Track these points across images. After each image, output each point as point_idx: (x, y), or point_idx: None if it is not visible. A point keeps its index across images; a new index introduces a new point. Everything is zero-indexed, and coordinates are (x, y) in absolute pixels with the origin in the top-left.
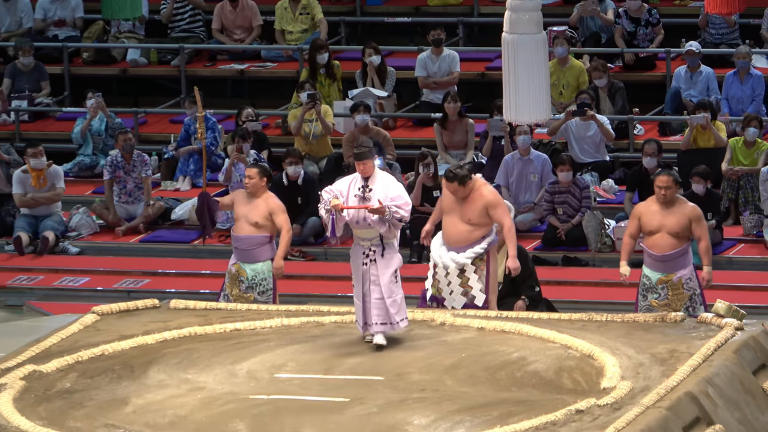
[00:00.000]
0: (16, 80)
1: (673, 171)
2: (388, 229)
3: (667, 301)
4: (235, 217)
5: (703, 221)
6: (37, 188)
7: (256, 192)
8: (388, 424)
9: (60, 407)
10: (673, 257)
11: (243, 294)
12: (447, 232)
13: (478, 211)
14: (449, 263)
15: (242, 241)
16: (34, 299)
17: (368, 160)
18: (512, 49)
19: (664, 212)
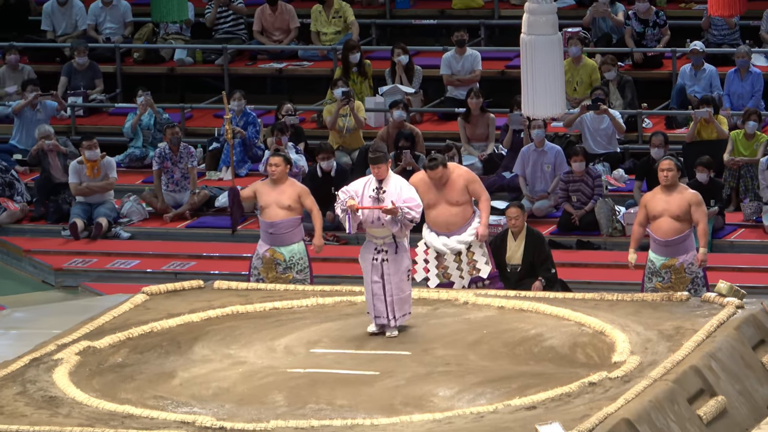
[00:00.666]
0: (72, 78)
1: (676, 158)
2: (400, 229)
3: (670, 284)
4: (264, 204)
5: (702, 206)
6: (91, 178)
7: (281, 178)
8: (415, 396)
9: (112, 380)
10: (676, 242)
11: (281, 275)
12: (440, 222)
13: (461, 189)
14: (457, 246)
15: (277, 225)
16: (88, 280)
17: (382, 164)
18: (530, 49)
19: (667, 198)
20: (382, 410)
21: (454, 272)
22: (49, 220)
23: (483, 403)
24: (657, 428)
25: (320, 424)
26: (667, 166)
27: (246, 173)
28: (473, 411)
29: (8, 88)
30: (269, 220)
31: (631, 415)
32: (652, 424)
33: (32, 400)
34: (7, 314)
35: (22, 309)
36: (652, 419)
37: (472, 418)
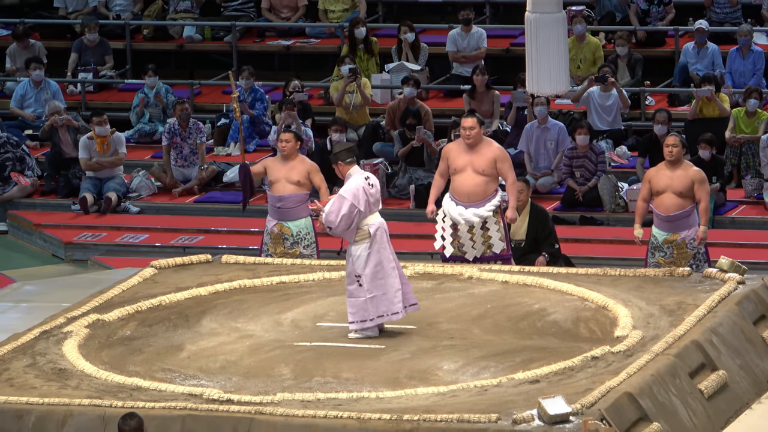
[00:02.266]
0: (82, 54)
1: (680, 135)
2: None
3: (672, 259)
4: (273, 179)
5: (706, 184)
6: (101, 153)
7: (292, 154)
8: (420, 369)
9: (121, 353)
10: (679, 218)
11: (288, 250)
12: (462, 190)
13: (489, 161)
14: (473, 218)
15: (286, 200)
16: (97, 254)
17: (334, 165)
18: (534, 27)
19: (671, 174)
20: (387, 383)
21: (467, 243)
22: (60, 195)
23: (487, 377)
24: (659, 402)
25: (326, 397)
26: (672, 141)
27: (254, 149)
28: (477, 384)
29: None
30: (277, 194)
31: (633, 388)
32: (654, 398)
33: (42, 372)
34: (18, 287)
35: (33, 282)
36: (653, 393)
37: (476, 392)
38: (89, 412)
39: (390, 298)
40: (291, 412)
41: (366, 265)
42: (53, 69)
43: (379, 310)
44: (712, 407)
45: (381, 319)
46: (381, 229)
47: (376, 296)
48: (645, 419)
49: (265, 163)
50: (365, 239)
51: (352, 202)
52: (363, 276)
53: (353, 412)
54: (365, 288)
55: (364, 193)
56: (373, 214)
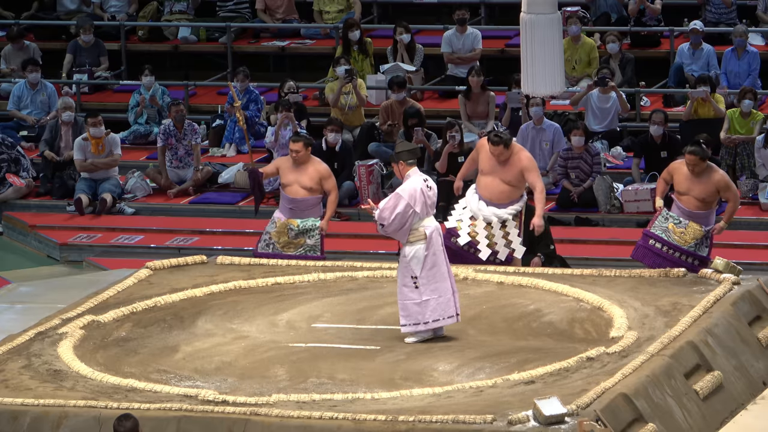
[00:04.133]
0: (77, 55)
1: (701, 148)
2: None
3: (683, 230)
4: (286, 182)
5: (731, 188)
6: (96, 154)
7: (304, 160)
8: (415, 370)
9: (116, 354)
10: (698, 216)
11: (292, 240)
12: (487, 191)
13: (516, 173)
14: (491, 217)
15: (299, 203)
16: (92, 255)
17: (394, 164)
18: (530, 28)
19: (694, 179)
20: (382, 384)
21: (482, 240)
22: (55, 196)
23: (482, 378)
24: (654, 403)
25: (321, 398)
26: (692, 162)
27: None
28: (472, 385)
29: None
30: (291, 196)
31: (629, 389)
32: (649, 399)
33: (37, 374)
34: (13, 289)
35: (28, 283)
36: (649, 394)
37: (472, 393)
38: (84, 413)
39: (445, 301)
40: (286, 413)
41: (423, 267)
42: (48, 70)
43: (435, 313)
44: (707, 408)
45: (437, 323)
46: (436, 231)
47: (431, 299)
48: (640, 420)
49: (278, 164)
50: (421, 240)
51: (408, 201)
52: (419, 278)
53: (348, 413)
54: (420, 290)
55: (422, 194)
56: (429, 216)
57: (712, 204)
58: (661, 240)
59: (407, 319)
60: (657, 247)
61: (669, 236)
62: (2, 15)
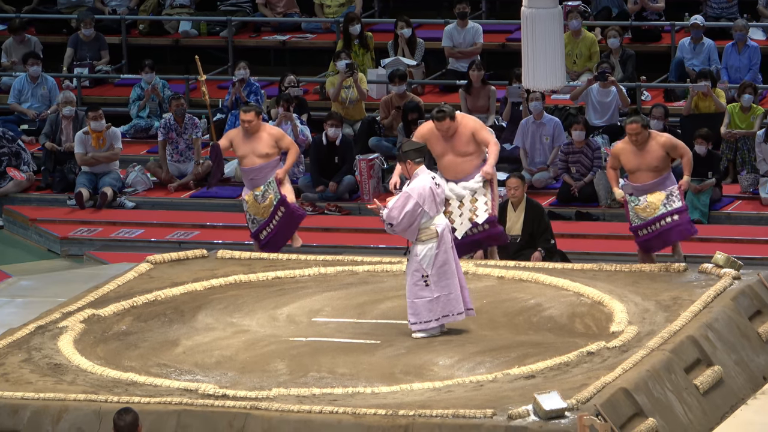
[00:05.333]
0: (78, 49)
1: (639, 116)
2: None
3: (646, 204)
4: (241, 154)
5: (679, 145)
6: (96, 148)
7: (256, 129)
8: (416, 364)
9: (116, 348)
10: (656, 185)
11: (263, 204)
12: (450, 170)
13: (468, 139)
14: (463, 192)
15: (257, 171)
16: (93, 249)
17: (400, 163)
18: (530, 22)
19: (640, 152)
20: (382, 379)
21: (457, 219)
22: (55, 190)
23: (482, 372)
24: (654, 397)
25: (321, 392)
26: (633, 131)
27: None
28: (473, 380)
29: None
30: (249, 167)
31: (629, 384)
32: (650, 394)
33: (37, 367)
34: (13, 282)
35: (28, 277)
36: (649, 388)
37: (472, 387)
38: (85, 407)
39: (455, 297)
40: (286, 407)
41: (433, 265)
42: (49, 64)
43: (444, 309)
44: (707, 402)
45: (446, 318)
46: (447, 229)
47: (441, 296)
48: (640, 414)
49: (230, 137)
50: (432, 238)
51: (417, 200)
52: (430, 276)
53: (349, 407)
54: (431, 288)
55: (431, 193)
56: (438, 214)
57: (665, 170)
58: (642, 226)
59: (416, 317)
60: (645, 234)
61: (641, 217)
62: (3, 8)
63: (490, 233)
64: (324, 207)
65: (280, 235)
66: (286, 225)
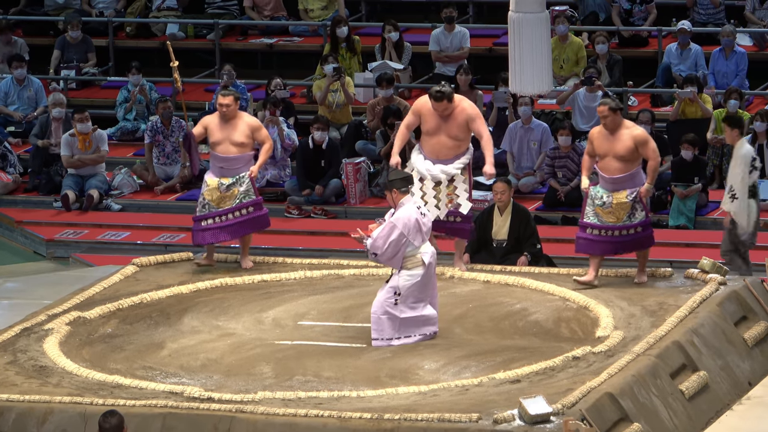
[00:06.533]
0: (65, 51)
1: (611, 98)
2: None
3: (611, 209)
4: (216, 140)
5: (650, 143)
6: (83, 150)
7: (233, 115)
8: (401, 368)
9: (102, 350)
10: (623, 180)
11: (225, 194)
12: (434, 150)
13: (462, 124)
14: (440, 175)
15: (230, 161)
16: (79, 252)
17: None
18: (517, 27)
19: (612, 138)
20: (368, 382)
21: (431, 200)
22: (41, 192)
23: (468, 377)
24: (639, 402)
25: (307, 396)
26: (602, 112)
27: None
28: (458, 384)
29: None
30: (222, 155)
31: (614, 389)
32: (635, 399)
33: (23, 370)
34: None
35: (14, 279)
36: (634, 393)
37: (457, 391)
38: (70, 409)
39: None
40: (272, 411)
41: (410, 291)
42: (36, 66)
43: (409, 330)
44: (692, 408)
45: (408, 339)
46: (434, 258)
47: (407, 318)
48: (626, 419)
49: (205, 123)
50: (418, 266)
51: (402, 230)
52: (402, 296)
53: (334, 411)
54: (399, 307)
55: (417, 223)
56: (424, 243)
57: (633, 164)
58: (597, 226)
59: (379, 333)
60: (596, 234)
61: (601, 219)
62: None
63: (463, 226)
64: (310, 210)
65: (229, 231)
66: (243, 226)
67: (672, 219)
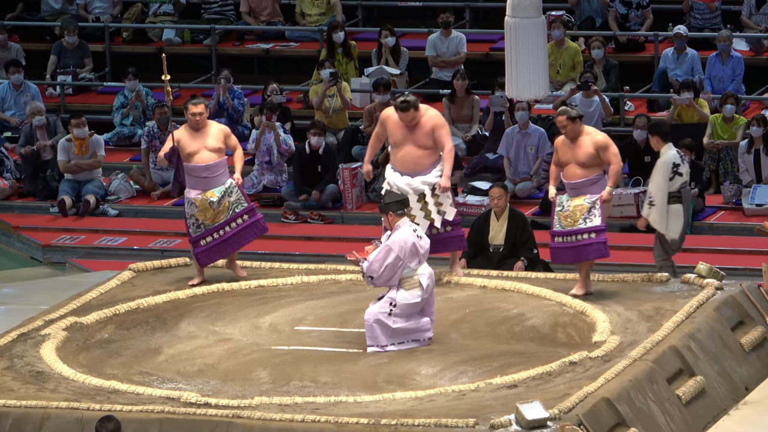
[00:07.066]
0: (61, 57)
1: (569, 107)
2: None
3: (568, 213)
4: (191, 151)
5: (611, 148)
6: (79, 156)
7: (205, 124)
8: (398, 374)
9: (98, 356)
10: (583, 185)
11: (218, 209)
12: (406, 162)
13: (429, 132)
14: (421, 187)
15: (212, 168)
16: (76, 257)
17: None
18: (514, 32)
19: (573, 146)
20: (365, 387)
21: (418, 213)
22: (38, 197)
23: (465, 382)
24: (636, 407)
25: (304, 401)
26: (560, 122)
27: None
28: (455, 389)
29: None
30: (204, 163)
31: (611, 394)
32: (632, 404)
33: (19, 375)
34: None
35: (10, 285)
36: (631, 398)
37: (454, 396)
38: (67, 414)
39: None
40: (268, 416)
41: (406, 307)
42: (32, 71)
43: (403, 337)
44: (689, 413)
45: (402, 345)
46: (431, 279)
47: (401, 328)
48: (622, 424)
49: (177, 137)
50: (416, 287)
51: (398, 254)
52: (397, 308)
53: (331, 416)
54: (393, 318)
55: (414, 246)
56: (421, 265)
57: (593, 169)
58: (560, 233)
59: (373, 340)
60: (560, 242)
61: (562, 225)
62: None
63: (455, 234)
64: (307, 216)
65: (231, 243)
66: (243, 235)
67: None
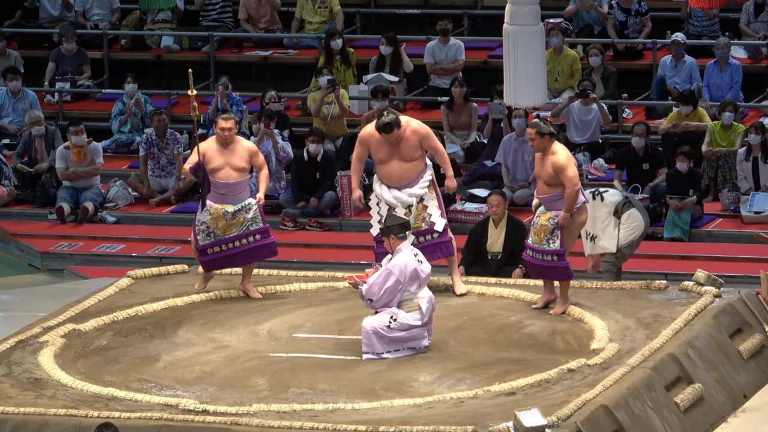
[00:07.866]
0: (60, 64)
1: (539, 120)
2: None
3: (537, 227)
4: (216, 166)
5: (567, 171)
6: (78, 163)
7: (233, 140)
8: (396, 381)
9: (97, 363)
10: (548, 200)
11: (231, 221)
12: (392, 176)
13: (414, 145)
14: (408, 199)
15: (232, 187)
16: (74, 264)
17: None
18: (512, 39)
19: (542, 162)
20: (363, 395)
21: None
22: (36, 204)
23: (463, 389)
24: (635, 415)
25: (302, 408)
26: (529, 135)
27: None
28: (453, 396)
29: None
30: (224, 181)
31: (609, 401)
32: (630, 411)
33: (17, 382)
34: None
35: (9, 292)
36: (629, 406)
37: (452, 404)
38: (65, 422)
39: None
40: (267, 423)
41: (406, 326)
42: (31, 78)
43: (399, 345)
44: (687, 420)
45: (398, 353)
46: (431, 303)
47: (398, 336)
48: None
49: (203, 149)
50: (415, 311)
51: (398, 278)
52: (397, 323)
53: (329, 423)
54: (390, 330)
55: (415, 271)
56: (421, 289)
57: (556, 188)
58: (530, 247)
59: (369, 347)
60: (530, 256)
61: (532, 239)
62: None
63: (442, 240)
64: (305, 223)
65: (238, 259)
66: (252, 254)
67: (667, 231)
